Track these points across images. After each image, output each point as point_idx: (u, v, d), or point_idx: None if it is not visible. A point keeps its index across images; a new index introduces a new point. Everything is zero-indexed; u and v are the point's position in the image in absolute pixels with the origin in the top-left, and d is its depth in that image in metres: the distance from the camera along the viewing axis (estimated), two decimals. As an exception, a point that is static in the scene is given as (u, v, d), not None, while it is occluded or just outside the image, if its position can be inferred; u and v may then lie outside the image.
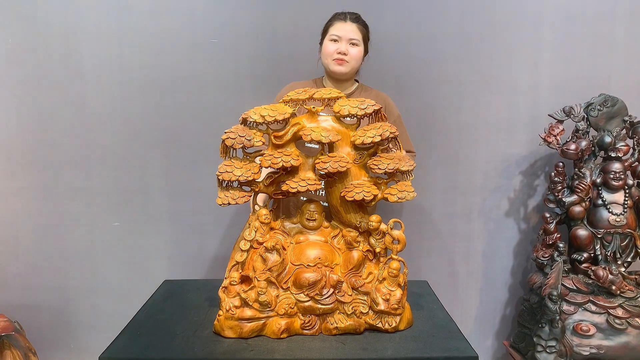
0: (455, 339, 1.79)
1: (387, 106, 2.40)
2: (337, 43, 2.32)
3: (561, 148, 2.62)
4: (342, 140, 1.85)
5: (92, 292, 2.96)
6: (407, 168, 1.82)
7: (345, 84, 2.42)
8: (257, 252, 1.82)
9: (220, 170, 1.80)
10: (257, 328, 1.76)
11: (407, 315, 1.85)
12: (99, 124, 2.81)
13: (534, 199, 2.96)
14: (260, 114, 1.81)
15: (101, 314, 2.97)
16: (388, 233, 1.84)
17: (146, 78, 2.77)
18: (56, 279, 2.94)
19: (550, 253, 2.63)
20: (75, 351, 3.01)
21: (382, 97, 2.42)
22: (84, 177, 2.86)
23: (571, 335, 2.47)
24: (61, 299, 2.97)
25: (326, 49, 2.34)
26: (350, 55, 2.32)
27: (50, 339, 3.00)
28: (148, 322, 1.90)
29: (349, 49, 2.31)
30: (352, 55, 2.32)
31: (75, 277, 2.95)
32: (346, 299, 1.79)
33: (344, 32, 2.31)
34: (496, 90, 2.85)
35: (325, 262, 1.82)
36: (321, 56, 2.39)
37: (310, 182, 1.82)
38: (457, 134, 2.88)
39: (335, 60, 2.31)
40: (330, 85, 2.42)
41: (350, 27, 2.32)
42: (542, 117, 2.78)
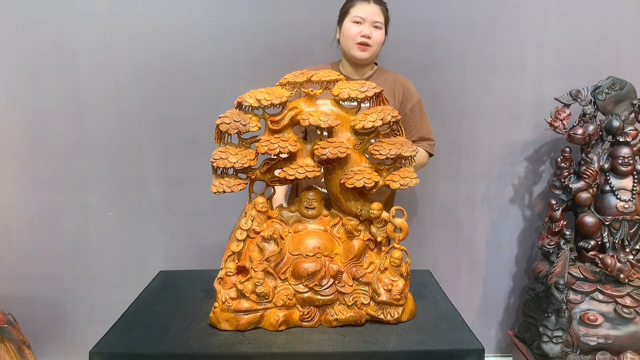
0: (459, 330, 1.73)
1: (405, 90, 2.29)
2: (360, 25, 2.17)
3: (568, 133, 2.55)
4: (342, 124, 1.78)
5: (87, 283, 2.91)
6: (410, 153, 1.74)
7: (365, 69, 2.31)
8: (254, 241, 1.76)
9: (214, 156, 1.73)
10: (254, 320, 1.70)
11: (409, 306, 1.79)
12: (92, 112, 2.73)
13: (539, 186, 2.89)
14: (256, 97, 1.73)
15: (97, 305, 2.91)
16: (390, 221, 1.78)
17: (140, 64, 2.69)
18: (50, 270, 2.89)
19: (556, 241, 2.56)
20: (71, 343, 2.96)
21: (400, 81, 2.31)
22: (77, 166, 2.79)
23: (578, 325, 2.40)
24: (56, 290, 2.91)
25: (348, 31, 2.19)
26: (373, 39, 2.17)
27: (45, 331, 2.95)
28: (141, 314, 1.84)
29: (372, 32, 2.17)
30: (375, 39, 2.19)
31: (70, 268, 2.89)
32: (347, 290, 1.73)
33: (367, 14, 2.17)
34: (500, 73, 2.77)
35: (325, 251, 1.75)
36: (340, 39, 2.25)
37: (309, 169, 1.74)
38: (460, 119, 2.81)
39: (357, 45, 2.17)
40: (349, 70, 2.29)
41: (374, 9, 2.18)
42: (547, 101, 2.69)
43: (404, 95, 2.27)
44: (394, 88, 2.28)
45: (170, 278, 2.19)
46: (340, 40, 2.26)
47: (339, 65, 2.33)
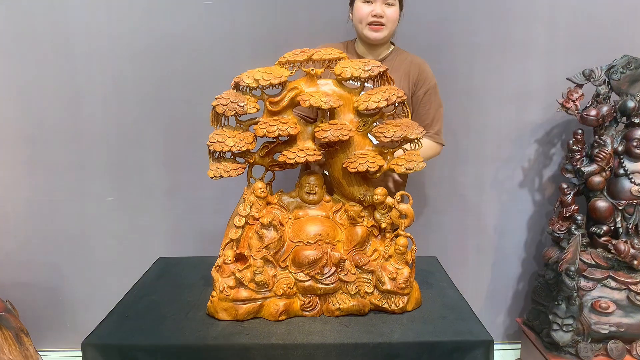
0: (467, 320, 1.66)
1: (420, 73, 2.16)
2: (371, 4, 2.03)
3: (580, 114, 2.45)
4: (344, 105, 1.70)
5: (86, 269, 2.86)
6: (416, 136, 1.66)
7: (380, 49, 2.17)
8: (253, 228, 1.69)
9: (211, 140, 1.65)
10: (253, 310, 1.64)
11: (415, 294, 1.72)
12: (90, 94, 2.65)
13: (549, 169, 2.79)
14: (253, 77, 1.66)
15: (97, 291, 2.87)
16: (394, 207, 1.70)
17: (137, 45, 2.60)
18: (49, 256, 2.84)
19: (567, 226, 2.48)
20: (71, 330, 2.92)
21: (416, 63, 2.18)
22: (75, 149, 2.72)
23: (589, 313, 2.34)
24: (55, 276, 2.87)
25: (359, 11, 2.06)
26: (387, 18, 2.04)
27: (45, 317, 2.91)
28: (138, 303, 1.78)
29: (385, 10, 2.04)
30: (389, 17, 2.05)
31: (69, 254, 2.84)
32: (349, 278, 1.66)
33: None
34: (510, 52, 2.66)
35: (327, 238, 1.69)
36: (352, 19, 2.13)
37: (309, 153, 1.67)
38: (468, 100, 2.71)
39: (370, 25, 2.05)
40: (363, 50, 2.17)
41: None
42: (559, 82, 2.59)
43: (419, 78, 2.15)
44: (409, 70, 2.16)
45: (169, 265, 2.13)
46: (352, 20, 2.15)
47: (354, 44, 2.21)
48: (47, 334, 2.92)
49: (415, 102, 2.17)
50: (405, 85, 2.13)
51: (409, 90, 2.13)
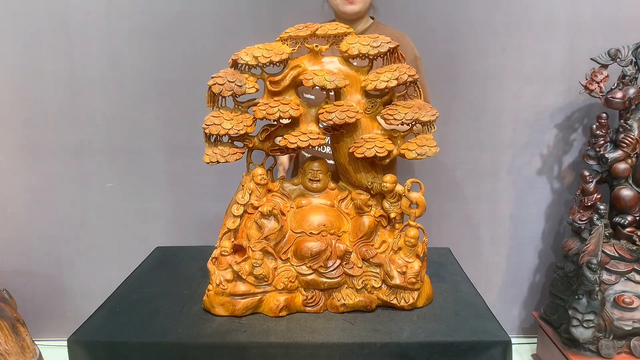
0: (483, 318, 1.54)
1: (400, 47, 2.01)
2: None
3: (605, 97, 2.30)
4: (351, 85, 1.57)
5: (86, 257, 2.79)
6: (429, 118, 1.53)
7: (358, 24, 2.07)
8: (252, 218, 1.58)
9: (206, 122, 1.54)
10: (252, 305, 1.53)
11: (426, 290, 1.60)
12: (88, 76, 2.56)
13: (569, 155, 2.65)
14: (253, 54, 1.53)
15: (97, 279, 2.79)
16: (405, 196, 1.57)
17: (136, 25, 2.50)
18: (48, 243, 2.77)
19: (588, 216, 2.34)
20: (71, 319, 2.84)
21: (395, 36, 2.01)
22: (74, 135, 2.64)
23: (611, 308, 2.21)
24: (54, 264, 2.80)
25: None
26: None
27: (44, 306, 2.85)
28: (131, 296, 1.68)
29: None
30: None
31: (68, 242, 2.77)
32: (355, 272, 1.55)
33: None
34: (529, 30, 2.51)
35: (331, 229, 1.57)
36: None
37: (313, 136, 1.55)
38: (483, 81, 2.57)
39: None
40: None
41: None
42: (582, 62, 2.45)
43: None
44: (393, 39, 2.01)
45: (167, 255, 2.03)
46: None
47: None
48: (47, 324, 2.86)
49: None
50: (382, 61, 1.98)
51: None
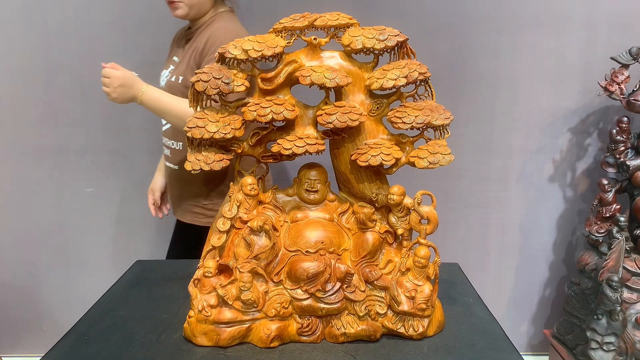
0: (502, 349, 1.36)
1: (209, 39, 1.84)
2: None
3: (627, 99, 2.13)
4: (354, 84, 1.39)
5: (64, 267, 2.63)
6: (442, 122, 1.35)
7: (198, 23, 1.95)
8: (240, 233, 1.39)
9: (189, 124, 1.35)
10: (239, 334, 1.34)
11: (437, 316, 1.42)
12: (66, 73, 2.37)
13: (583, 161, 2.48)
14: (242, 47, 1.35)
15: (76, 291, 2.62)
16: (414, 209, 1.39)
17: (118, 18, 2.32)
18: (23, 252, 2.60)
19: (607, 228, 2.18)
20: (48, 332, 2.66)
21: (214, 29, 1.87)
22: (50, 134, 2.45)
23: (633, 329, 2.05)
24: (30, 275, 2.62)
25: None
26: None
27: (19, 319, 2.67)
28: (103, 320, 1.49)
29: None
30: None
31: (45, 251, 2.61)
32: (358, 296, 1.36)
33: None
34: (542, 28, 2.35)
35: (330, 247, 1.38)
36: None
37: (310, 141, 1.37)
38: (494, 83, 2.41)
39: (168, 4, 1.88)
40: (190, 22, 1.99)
41: None
42: (599, 62, 2.30)
43: (205, 46, 1.83)
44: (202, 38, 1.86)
45: (146, 271, 1.83)
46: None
47: None
48: (21, 338, 2.68)
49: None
50: (195, 55, 1.85)
51: (195, 61, 1.85)
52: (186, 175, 1.85)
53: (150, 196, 2.17)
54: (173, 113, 1.78)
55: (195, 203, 1.98)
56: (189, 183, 1.96)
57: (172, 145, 1.96)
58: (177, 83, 1.87)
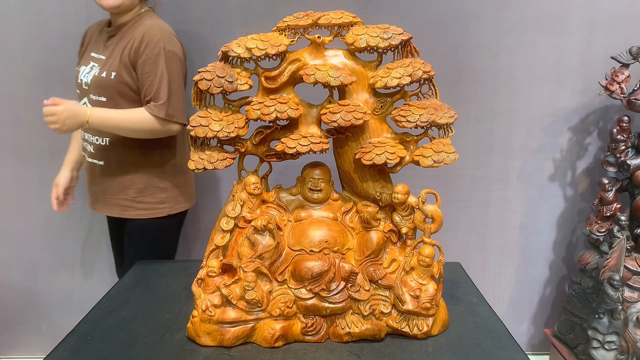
0: (507, 348, 1.36)
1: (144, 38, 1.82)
2: None
3: (627, 98, 2.13)
4: (358, 82, 1.39)
5: (63, 268, 2.58)
6: (447, 120, 1.35)
7: (122, 17, 1.90)
8: (244, 233, 1.38)
9: (192, 123, 1.34)
10: (243, 334, 1.33)
11: (441, 315, 1.42)
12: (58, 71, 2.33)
13: (584, 160, 2.48)
14: (246, 46, 1.35)
15: (75, 293, 2.58)
16: (419, 208, 1.38)
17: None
18: (21, 252, 2.55)
19: (607, 227, 2.17)
20: (47, 335, 2.64)
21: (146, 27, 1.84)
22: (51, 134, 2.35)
23: (634, 328, 2.05)
24: (28, 275, 2.58)
25: None
26: None
27: (18, 320, 2.63)
28: (105, 320, 1.48)
29: None
30: None
31: (43, 251, 2.55)
32: (362, 296, 1.36)
33: None
34: (543, 27, 2.34)
35: (334, 246, 1.38)
36: None
37: (315, 140, 1.36)
38: (494, 82, 2.39)
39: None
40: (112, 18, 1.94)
41: None
42: (599, 61, 2.28)
43: (140, 44, 1.81)
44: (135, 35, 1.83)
45: (148, 271, 1.82)
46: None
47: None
48: (20, 340, 2.64)
49: (138, 71, 1.83)
50: (127, 53, 1.83)
51: (129, 58, 1.82)
52: (114, 170, 1.94)
53: (55, 190, 2.13)
54: (123, 125, 1.80)
55: (124, 197, 1.96)
56: (117, 177, 1.94)
57: (96, 141, 1.92)
58: (110, 79, 1.83)
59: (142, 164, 1.95)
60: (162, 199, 1.99)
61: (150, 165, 1.96)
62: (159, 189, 1.98)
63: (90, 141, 1.94)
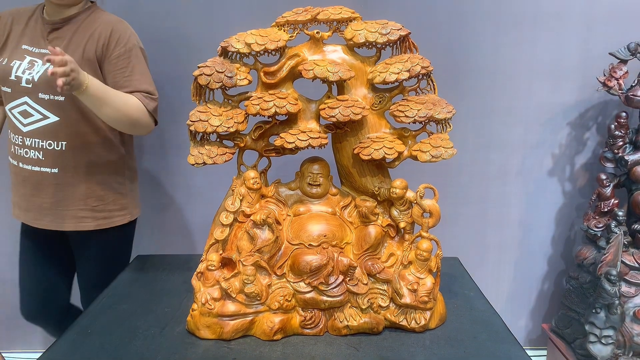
0: (503, 341, 1.37)
1: (114, 33, 1.70)
2: None
3: (625, 94, 2.14)
4: (356, 78, 1.40)
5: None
6: (445, 115, 1.36)
7: (68, 10, 1.72)
8: (243, 227, 1.39)
9: (191, 118, 1.35)
10: (242, 327, 1.35)
11: (439, 309, 1.43)
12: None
13: (582, 156, 2.48)
14: (245, 41, 1.35)
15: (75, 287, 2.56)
16: (417, 203, 1.39)
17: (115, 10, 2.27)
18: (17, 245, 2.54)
19: (605, 222, 2.18)
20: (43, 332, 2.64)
21: (110, 22, 1.73)
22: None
23: (631, 323, 2.05)
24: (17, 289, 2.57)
25: None
26: None
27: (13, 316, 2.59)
28: (105, 314, 1.49)
29: None
30: None
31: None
32: (360, 289, 1.37)
33: None
34: (542, 24, 2.33)
35: (333, 240, 1.39)
36: None
37: (313, 135, 1.37)
38: (493, 78, 2.39)
39: None
40: (49, 11, 1.73)
41: None
42: (598, 57, 2.28)
43: (111, 38, 1.69)
44: (100, 30, 1.70)
45: (147, 265, 1.84)
46: None
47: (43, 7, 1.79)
48: (19, 335, 2.63)
49: (110, 68, 1.69)
50: (92, 48, 1.68)
51: (95, 55, 1.68)
52: (70, 178, 1.73)
53: None
54: (117, 104, 1.60)
55: (82, 207, 1.77)
56: (74, 186, 1.75)
57: (49, 146, 1.70)
58: None
59: (102, 169, 1.79)
60: (122, 205, 1.86)
61: (110, 170, 1.82)
62: (120, 195, 1.85)
63: (40, 147, 1.70)
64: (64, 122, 1.68)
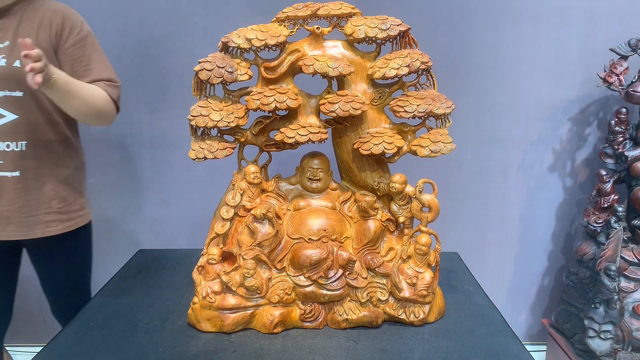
0: (502, 335, 1.38)
1: (65, 21, 1.61)
2: None
3: (625, 90, 2.14)
4: (356, 73, 1.40)
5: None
6: (444, 111, 1.36)
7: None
8: (244, 221, 1.40)
9: (192, 113, 1.36)
10: (242, 320, 1.36)
11: (438, 303, 1.44)
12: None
13: (583, 151, 2.48)
14: (245, 36, 1.36)
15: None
16: (416, 198, 1.40)
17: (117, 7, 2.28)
18: (24, 242, 2.56)
19: (605, 218, 2.18)
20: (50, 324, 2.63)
21: (58, 9, 1.63)
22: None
23: (630, 318, 2.06)
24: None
25: None
26: None
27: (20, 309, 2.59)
28: (106, 307, 1.51)
29: None
30: None
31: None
32: (359, 283, 1.38)
33: None
34: (543, 19, 2.34)
35: (333, 234, 1.40)
36: None
37: (313, 130, 1.38)
38: (494, 73, 2.39)
39: None
40: None
41: None
42: (599, 53, 2.28)
43: (64, 26, 1.60)
44: (49, 19, 1.60)
45: (149, 259, 1.85)
46: None
47: None
48: (23, 329, 2.66)
49: (66, 57, 1.61)
50: (45, 37, 1.58)
51: (50, 43, 1.58)
52: (32, 181, 1.62)
53: None
54: (84, 96, 1.53)
55: (48, 210, 1.66)
56: (37, 189, 1.64)
57: (7, 147, 1.56)
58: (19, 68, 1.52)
59: (63, 168, 1.70)
60: (82, 205, 1.77)
61: (70, 168, 1.73)
62: (79, 194, 1.76)
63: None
64: (23, 120, 1.57)
